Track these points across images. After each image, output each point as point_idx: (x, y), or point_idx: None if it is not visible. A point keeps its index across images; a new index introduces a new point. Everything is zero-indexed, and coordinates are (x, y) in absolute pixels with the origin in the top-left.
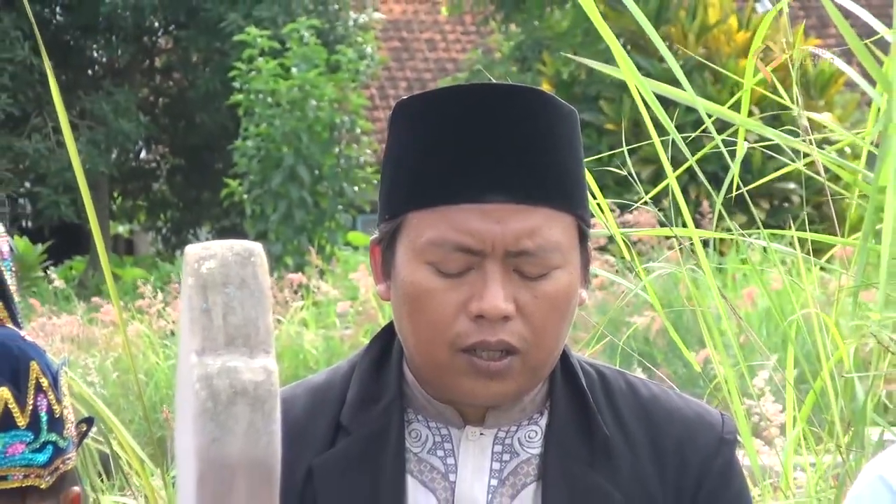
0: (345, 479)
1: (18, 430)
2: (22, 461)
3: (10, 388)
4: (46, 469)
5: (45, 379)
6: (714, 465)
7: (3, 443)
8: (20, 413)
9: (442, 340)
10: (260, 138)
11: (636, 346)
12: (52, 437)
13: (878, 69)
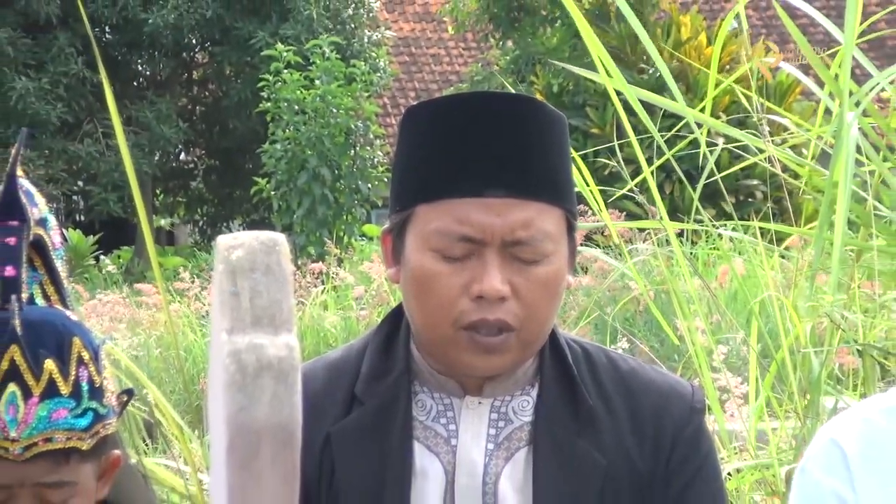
0: (358, 445)
1: (62, 397)
2: (65, 425)
3: (54, 361)
4: (87, 433)
5: (86, 353)
6: (685, 431)
7: (48, 409)
8: (63, 382)
9: (446, 318)
10: (286, 142)
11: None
12: (93, 405)
13: (833, 79)
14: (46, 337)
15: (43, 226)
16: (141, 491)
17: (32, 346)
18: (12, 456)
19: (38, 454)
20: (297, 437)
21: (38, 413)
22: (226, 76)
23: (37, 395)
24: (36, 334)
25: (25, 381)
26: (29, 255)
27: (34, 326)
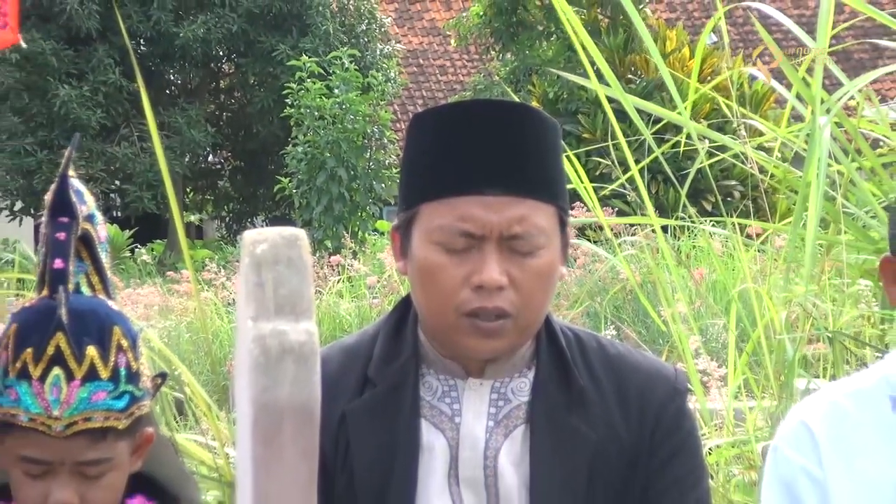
0: (371, 423)
1: (101, 381)
2: (103, 406)
3: (96, 347)
4: (124, 413)
5: (125, 341)
6: (668, 410)
7: (89, 391)
8: (103, 367)
9: (449, 306)
10: (307, 145)
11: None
12: (129, 388)
13: (805, 87)
14: (90, 325)
15: (90, 221)
16: (174, 463)
17: (76, 333)
18: (54, 433)
19: (77, 432)
20: (316, 416)
21: (79, 395)
22: (250, 85)
23: (78, 378)
24: (81, 323)
25: (69, 365)
26: (77, 247)
27: (79, 315)
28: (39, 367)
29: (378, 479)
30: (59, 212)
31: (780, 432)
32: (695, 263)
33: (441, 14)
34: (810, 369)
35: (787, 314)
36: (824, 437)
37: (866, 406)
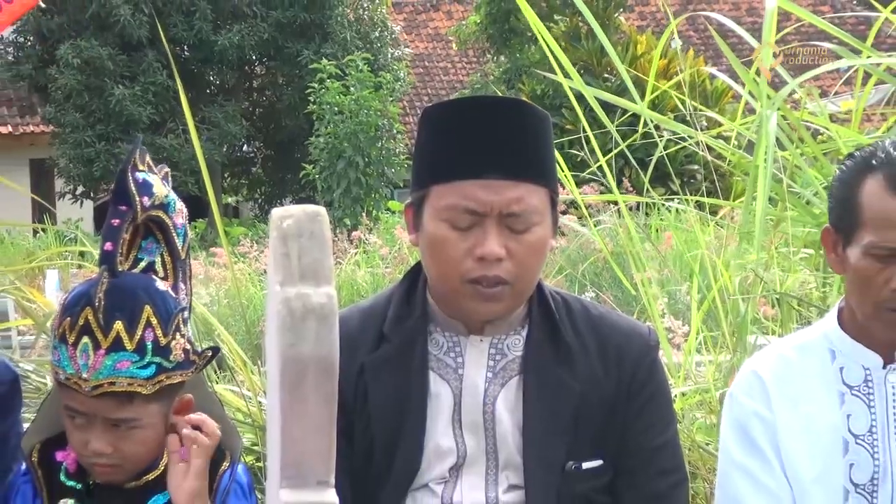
0: (386, 374)
1: (126, 351)
2: (127, 373)
3: (123, 322)
4: (149, 381)
5: (155, 319)
6: (643, 363)
7: (113, 359)
8: (128, 340)
9: (455, 274)
10: (328, 136)
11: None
12: (157, 360)
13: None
14: (124, 302)
15: (165, 209)
16: (220, 417)
17: (109, 309)
18: (84, 392)
19: (104, 393)
20: (335, 368)
21: (104, 362)
22: (279, 85)
23: (104, 347)
24: (116, 299)
25: (96, 336)
26: (153, 232)
27: (117, 292)
28: (73, 335)
29: (392, 422)
30: (118, 201)
31: (735, 381)
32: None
33: (444, 22)
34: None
35: (740, 279)
36: (773, 384)
37: (809, 357)
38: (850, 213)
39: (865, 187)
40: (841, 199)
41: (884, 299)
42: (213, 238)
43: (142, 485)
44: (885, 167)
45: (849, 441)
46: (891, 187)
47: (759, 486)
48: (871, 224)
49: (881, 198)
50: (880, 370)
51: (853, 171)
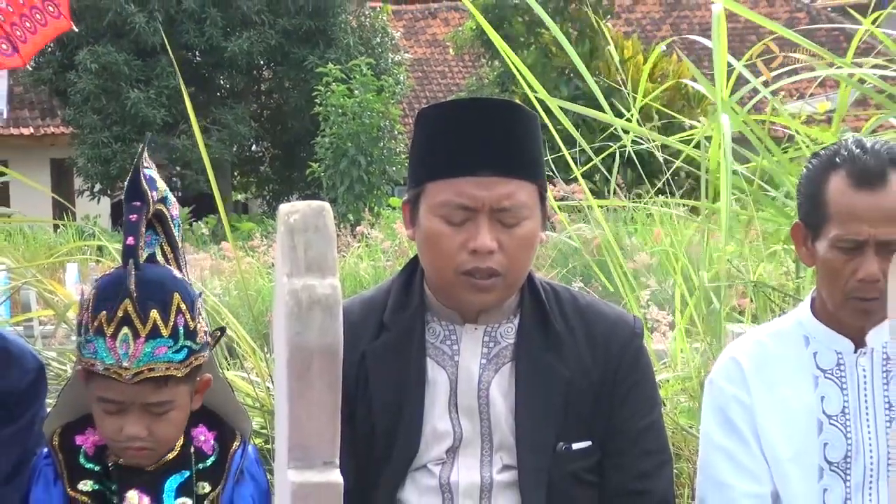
0: (386, 361)
1: (163, 338)
2: (164, 358)
3: (158, 311)
4: (182, 364)
5: (184, 304)
6: (629, 350)
7: (152, 346)
8: (164, 327)
9: (449, 266)
10: (332, 136)
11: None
12: (188, 343)
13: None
14: (154, 292)
15: (164, 203)
16: (230, 399)
17: (143, 299)
18: (124, 380)
19: (143, 379)
20: (339, 355)
21: (144, 350)
22: (285, 88)
23: (143, 336)
24: (147, 290)
25: (135, 325)
26: (153, 224)
27: (146, 283)
28: (112, 327)
29: (392, 407)
30: (132, 197)
31: (715, 367)
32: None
33: (441, 29)
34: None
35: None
36: (751, 370)
37: (785, 344)
38: (817, 209)
39: (830, 184)
40: (808, 195)
41: (851, 289)
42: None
43: (160, 466)
44: (847, 164)
45: (823, 422)
46: (853, 183)
47: (738, 466)
48: (837, 218)
49: (845, 193)
50: (851, 354)
51: (819, 168)
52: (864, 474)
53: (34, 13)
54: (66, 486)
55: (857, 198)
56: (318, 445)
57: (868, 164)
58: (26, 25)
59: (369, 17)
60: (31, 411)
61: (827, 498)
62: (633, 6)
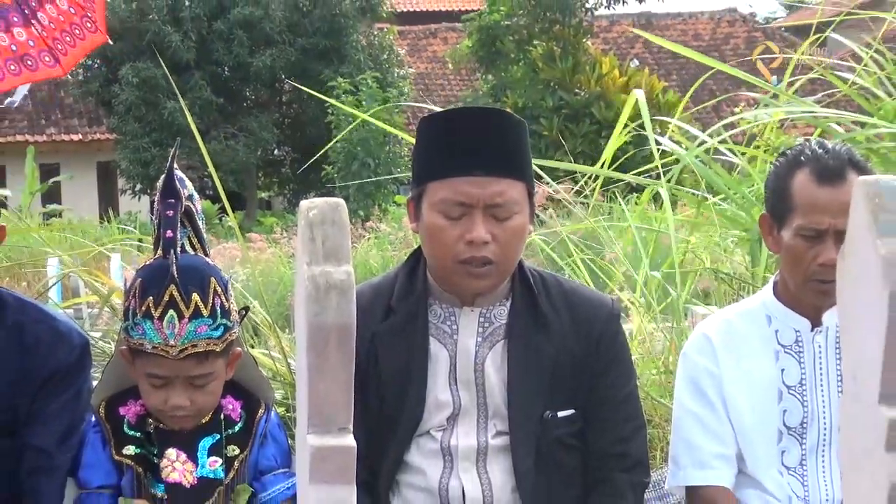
0: (394, 340)
1: (203, 318)
2: (205, 336)
3: (198, 294)
4: (220, 340)
5: (219, 287)
6: (608, 329)
7: (195, 325)
8: (204, 308)
9: (448, 256)
10: (344, 142)
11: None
12: (224, 321)
13: None
14: (194, 277)
15: (191, 200)
16: (255, 372)
17: (184, 284)
18: (171, 357)
19: (187, 355)
20: (353, 334)
21: (187, 329)
22: (304, 100)
23: (187, 316)
24: (187, 276)
25: (179, 307)
26: (182, 218)
27: (186, 270)
28: (159, 310)
29: (399, 380)
30: (167, 195)
31: (689, 342)
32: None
33: (441, 47)
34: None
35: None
36: (720, 345)
37: (750, 322)
38: (783, 201)
39: (796, 180)
40: (775, 189)
41: (812, 273)
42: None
43: (195, 428)
44: (811, 162)
45: (782, 391)
46: (816, 179)
47: (707, 429)
48: (801, 210)
49: (808, 188)
50: (808, 332)
51: (785, 166)
52: (818, 438)
53: (73, 28)
54: (112, 451)
55: (820, 192)
56: (334, 413)
57: (829, 162)
58: (66, 39)
59: (377, 36)
60: (77, 383)
61: (785, 459)
62: (610, 27)
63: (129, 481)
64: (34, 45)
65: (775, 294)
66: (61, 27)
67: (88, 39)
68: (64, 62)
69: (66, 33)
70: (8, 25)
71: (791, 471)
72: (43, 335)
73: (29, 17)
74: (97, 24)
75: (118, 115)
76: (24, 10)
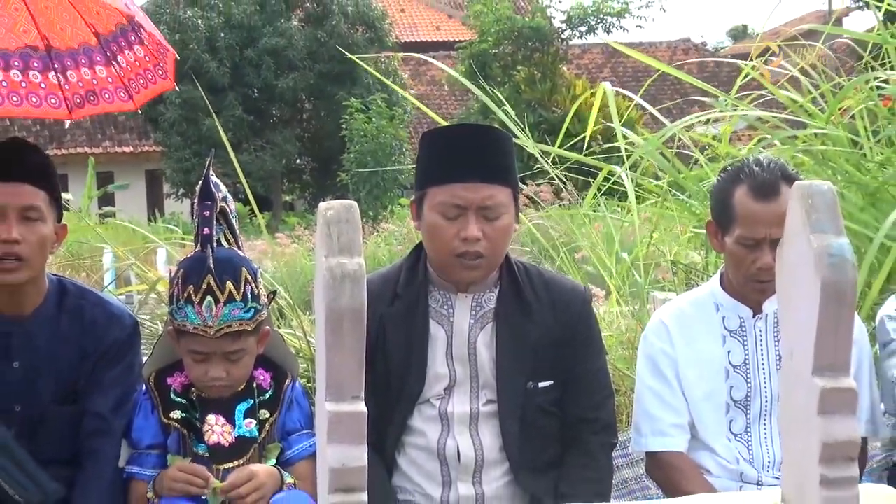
0: (399, 322)
1: (236, 302)
2: (238, 318)
3: (231, 282)
4: (251, 321)
5: (249, 276)
6: (582, 312)
7: (229, 309)
8: (237, 294)
9: (446, 251)
10: (357, 153)
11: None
12: (254, 305)
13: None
14: (228, 268)
15: (225, 201)
16: (282, 347)
17: (220, 273)
18: (209, 336)
19: (223, 334)
20: (364, 317)
21: (223, 312)
22: (321, 117)
23: (222, 301)
24: (222, 267)
25: (216, 294)
26: (217, 217)
27: (221, 262)
28: (198, 296)
29: (403, 357)
30: (204, 197)
31: (648, 326)
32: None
33: (438, 72)
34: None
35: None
36: (675, 330)
37: (700, 309)
38: (725, 212)
39: (736, 195)
40: (719, 200)
41: (751, 275)
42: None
43: (232, 396)
44: (749, 179)
45: (729, 370)
46: (753, 196)
47: (664, 402)
48: (741, 221)
49: (747, 203)
50: (751, 319)
51: (727, 181)
52: (760, 410)
53: (147, 73)
54: (160, 415)
55: (756, 206)
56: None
57: (765, 179)
58: (140, 81)
59: (384, 62)
60: (129, 357)
61: (732, 427)
62: (582, 55)
63: (175, 441)
64: (112, 81)
65: (722, 285)
66: (136, 71)
67: (159, 84)
68: (136, 99)
69: (140, 76)
70: (92, 63)
71: (738, 437)
72: (99, 317)
73: (110, 59)
74: (168, 74)
75: (163, 130)
76: (106, 52)
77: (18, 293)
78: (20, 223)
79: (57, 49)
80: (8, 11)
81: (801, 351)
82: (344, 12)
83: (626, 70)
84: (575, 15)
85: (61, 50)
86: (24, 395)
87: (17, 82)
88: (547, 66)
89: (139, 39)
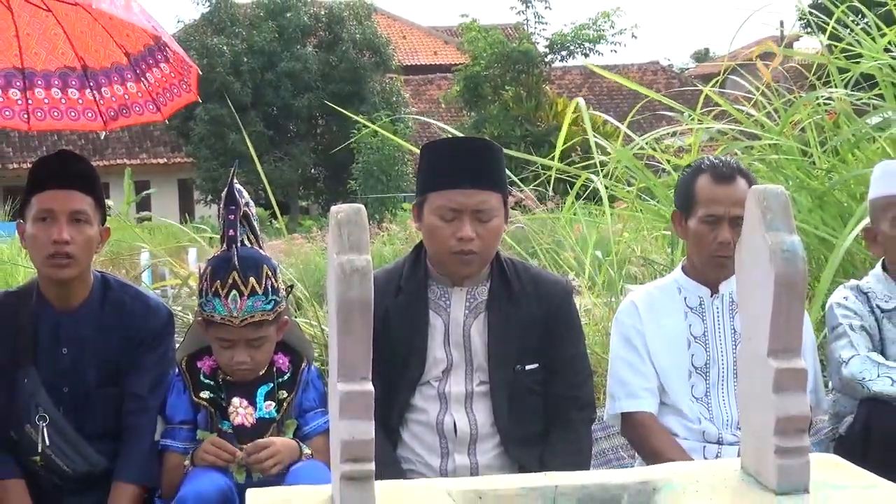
0: (402, 312)
1: (258, 295)
2: (260, 309)
3: (254, 277)
4: (272, 312)
5: (269, 272)
6: (564, 302)
7: (252, 301)
8: (259, 288)
9: (443, 249)
10: (364, 163)
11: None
12: (274, 297)
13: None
14: (250, 265)
15: (248, 206)
16: (299, 335)
17: (243, 270)
18: (235, 325)
19: (247, 324)
20: (371, 308)
21: (246, 304)
22: (333, 131)
23: (245, 295)
24: (246, 264)
25: (240, 288)
26: (241, 220)
27: (244, 259)
28: (225, 290)
29: (405, 343)
30: (229, 202)
31: (620, 308)
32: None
33: (436, 91)
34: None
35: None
36: (643, 309)
37: (665, 292)
38: (689, 198)
39: (698, 181)
40: (683, 190)
41: (713, 250)
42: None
43: (255, 379)
44: (710, 168)
45: (690, 341)
46: (714, 180)
47: (636, 370)
48: (703, 202)
49: (708, 186)
50: (709, 298)
51: (690, 173)
52: (717, 376)
53: (173, 87)
54: (191, 394)
55: (717, 189)
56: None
57: (723, 167)
58: (167, 95)
59: (388, 83)
60: (164, 344)
61: (694, 391)
62: (563, 76)
63: (204, 418)
64: (142, 96)
65: (684, 271)
66: (163, 85)
67: (184, 97)
68: (164, 111)
69: (167, 90)
70: (123, 80)
71: (699, 400)
72: (138, 308)
73: (139, 76)
74: (191, 88)
75: (194, 143)
76: (136, 70)
77: (67, 287)
78: (70, 225)
79: (92, 68)
80: (48, 36)
81: (758, 335)
82: (353, 39)
83: (602, 89)
84: (557, 41)
85: (96, 69)
86: (71, 377)
87: (58, 99)
88: (532, 86)
89: (165, 58)
